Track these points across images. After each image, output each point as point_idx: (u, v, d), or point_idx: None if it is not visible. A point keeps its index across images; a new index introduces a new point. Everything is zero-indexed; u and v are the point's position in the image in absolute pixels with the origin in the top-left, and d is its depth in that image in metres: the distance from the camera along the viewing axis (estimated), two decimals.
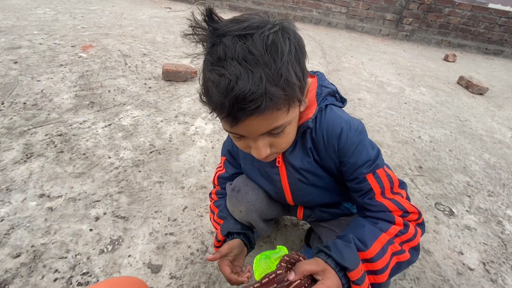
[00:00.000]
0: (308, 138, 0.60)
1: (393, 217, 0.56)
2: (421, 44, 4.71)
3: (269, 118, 0.45)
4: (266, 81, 0.40)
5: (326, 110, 0.60)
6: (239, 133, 0.49)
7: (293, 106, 0.48)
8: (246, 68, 0.40)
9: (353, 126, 0.58)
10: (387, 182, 0.57)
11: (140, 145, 1.40)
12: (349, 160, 0.58)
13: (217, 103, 0.43)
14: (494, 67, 4.06)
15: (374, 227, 0.55)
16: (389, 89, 2.61)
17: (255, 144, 0.50)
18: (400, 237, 0.54)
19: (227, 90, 0.40)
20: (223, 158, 0.81)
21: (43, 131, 1.38)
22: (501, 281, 1.01)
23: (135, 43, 2.69)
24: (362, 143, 0.58)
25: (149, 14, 3.84)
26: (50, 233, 0.94)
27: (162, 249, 0.94)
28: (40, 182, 1.12)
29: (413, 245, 0.55)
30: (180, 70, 2.06)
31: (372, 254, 0.51)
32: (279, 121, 0.47)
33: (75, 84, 1.83)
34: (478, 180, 1.54)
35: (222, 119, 0.46)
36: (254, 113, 0.42)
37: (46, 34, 2.54)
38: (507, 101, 2.82)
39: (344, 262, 0.49)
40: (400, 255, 0.54)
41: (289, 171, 0.64)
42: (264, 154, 0.51)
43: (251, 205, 0.71)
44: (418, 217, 0.57)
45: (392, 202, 0.56)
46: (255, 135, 0.48)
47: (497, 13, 4.56)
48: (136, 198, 1.11)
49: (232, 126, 0.46)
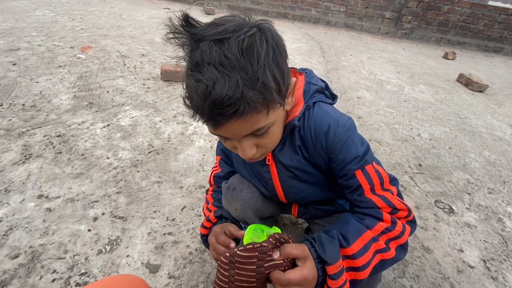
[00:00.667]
0: (297, 136, 0.60)
1: (381, 213, 0.55)
2: (420, 42, 4.69)
3: (249, 121, 0.45)
4: (243, 85, 0.40)
5: (314, 108, 0.59)
6: (222, 135, 0.49)
7: (274, 108, 0.48)
8: (223, 73, 0.40)
9: (341, 123, 0.57)
10: (376, 179, 0.57)
11: (139, 145, 1.40)
12: (337, 156, 0.57)
13: (198, 107, 0.44)
14: (493, 65, 4.04)
15: (360, 223, 0.55)
16: (388, 87, 2.60)
17: (240, 145, 0.51)
18: (386, 234, 0.54)
19: (205, 95, 0.41)
20: (218, 157, 0.81)
21: (41, 132, 1.38)
22: (501, 279, 1.00)
23: (134, 43, 2.69)
24: (350, 139, 0.57)
25: (147, 15, 3.84)
26: (49, 234, 0.94)
27: (161, 249, 0.94)
28: (39, 183, 1.12)
29: (400, 243, 0.55)
30: (178, 70, 2.05)
31: (354, 251, 0.52)
32: (260, 123, 0.47)
33: (73, 85, 1.83)
34: (478, 178, 1.53)
35: (205, 123, 0.47)
36: (233, 117, 0.43)
37: (45, 36, 2.55)
38: (507, 98, 2.81)
39: (324, 256, 0.50)
40: (385, 253, 0.53)
41: (279, 168, 0.65)
42: (250, 155, 0.51)
43: (246, 202, 0.71)
44: (408, 214, 0.57)
45: (381, 198, 0.56)
46: (238, 137, 0.49)
47: (497, 10, 4.55)
48: (134, 198, 1.11)
49: (215, 129, 0.47)
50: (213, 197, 0.81)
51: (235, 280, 0.51)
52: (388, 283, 0.93)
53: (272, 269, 0.49)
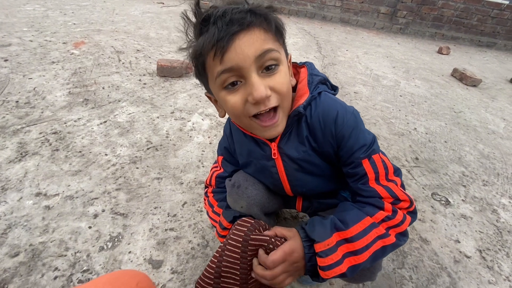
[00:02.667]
0: (304, 126, 0.60)
1: (382, 203, 0.56)
2: (415, 37, 4.72)
3: (258, 38, 0.48)
4: (249, 6, 0.49)
5: (320, 96, 0.60)
6: (231, 63, 0.48)
7: (279, 42, 0.52)
8: (230, 4, 0.49)
9: (348, 110, 0.59)
10: (382, 169, 0.58)
11: (137, 141, 1.39)
12: (346, 143, 0.58)
13: (209, 32, 0.47)
14: (487, 59, 4.10)
15: (360, 210, 0.56)
16: (384, 82, 2.62)
17: (252, 81, 0.49)
18: (386, 222, 0.55)
19: (215, 13, 0.47)
20: (220, 157, 0.80)
21: (37, 130, 1.36)
22: (497, 268, 1.03)
23: (128, 39, 2.65)
24: (359, 127, 0.58)
25: (141, 10, 3.78)
26: (48, 232, 0.93)
27: (163, 245, 0.94)
28: (36, 181, 1.10)
29: (399, 231, 0.55)
30: (175, 66, 2.03)
31: (352, 233, 0.52)
32: (268, 43, 0.49)
33: (68, 81, 1.79)
34: (473, 170, 1.56)
35: (213, 58, 0.48)
36: (242, 26, 0.46)
37: (36, 31, 2.49)
38: (500, 92, 2.86)
39: (312, 234, 0.53)
40: (385, 238, 0.54)
41: (285, 162, 0.65)
42: (264, 92, 0.49)
43: (251, 199, 0.71)
44: (410, 205, 0.57)
45: (384, 188, 0.56)
46: (248, 59, 0.47)
47: (490, 5, 4.59)
48: (134, 195, 1.10)
49: (223, 54, 0.47)
50: (216, 199, 0.79)
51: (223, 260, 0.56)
52: (387, 274, 0.95)
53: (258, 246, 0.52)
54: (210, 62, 0.49)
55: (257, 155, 0.68)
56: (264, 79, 0.50)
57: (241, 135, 0.69)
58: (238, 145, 0.73)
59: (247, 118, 0.54)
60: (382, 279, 0.93)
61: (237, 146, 0.73)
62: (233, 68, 0.48)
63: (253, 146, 0.67)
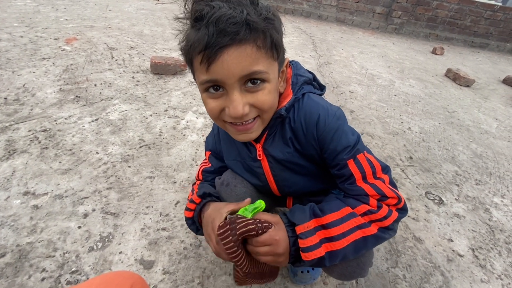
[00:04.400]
0: (287, 128, 0.60)
1: (367, 199, 0.55)
2: (410, 37, 4.75)
3: (249, 56, 0.45)
4: (247, 14, 0.44)
5: (304, 98, 0.59)
6: (215, 76, 0.46)
7: (272, 59, 0.49)
8: (229, 4, 0.44)
9: (331, 112, 0.58)
10: (368, 167, 0.57)
11: (129, 140, 1.36)
12: (329, 146, 0.57)
13: (199, 33, 0.44)
14: (480, 60, 4.14)
15: (341, 201, 0.56)
16: (379, 82, 2.63)
17: (232, 97, 0.48)
18: (369, 215, 0.54)
19: (209, 14, 0.43)
20: (208, 152, 0.79)
21: (26, 127, 1.32)
22: (489, 266, 1.03)
23: (122, 35, 2.60)
24: (341, 129, 0.57)
25: (135, 6, 3.72)
26: (36, 232, 0.91)
27: (155, 245, 0.92)
28: (24, 180, 1.07)
29: (383, 225, 0.54)
30: (169, 63, 2.00)
31: (328, 220, 0.53)
32: (258, 64, 0.47)
33: (59, 78, 1.75)
34: (466, 169, 1.57)
35: (200, 63, 0.46)
36: (233, 41, 0.43)
37: (27, 27, 2.43)
38: (492, 92, 2.89)
39: (293, 218, 0.55)
40: (365, 228, 0.53)
41: (271, 163, 0.65)
42: (240, 111, 0.48)
43: (240, 198, 0.70)
44: (398, 202, 0.56)
45: (371, 186, 0.56)
46: (233, 77, 0.46)
47: (483, 6, 4.64)
48: (126, 194, 1.08)
49: (210, 65, 0.45)
50: (199, 187, 0.76)
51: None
52: (381, 273, 0.94)
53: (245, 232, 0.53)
54: (197, 64, 0.48)
55: (244, 155, 0.68)
56: (246, 95, 0.49)
57: (231, 138, 0.67)
58: (225, 145, 0.73)
59: (222, 121, 0.55)
60: (376, 278, 0.92)
61: (225, 145, 0.73)
62: (217, 81, 0.47)
63: (240, 146, 0.68)
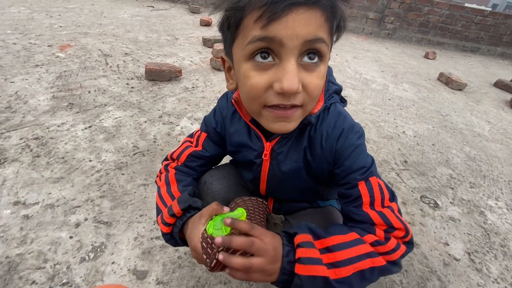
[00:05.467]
0: (305, 136, 0.57)
1: (373, 230, 0.50)
2: (402, 42, 4.83)
3: (316, 21, 0.39)
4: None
5: (330, 109, 0.56)
6: (274, 34, 0.39)
7: (331, 40, 0.44)
8: None
9: (355, 128, 0.56)
10: (378, 193, 0.52)
11: (123, 147, 1.35)
12: (344, 162, 0.54)
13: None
14: (471, 64, 4.22)
15: (345, 227, 0.52)
16: (373, 86, 2.65)
17: (288, 65, 0.40)
18: (376, 247, 0.48)
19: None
20: (204, 134, 0.69)
21: (17, 135, 1.30)
22: (485, 270, 1.03)
23: (117, 42, 2.60)
24: (360, 148, 0.55)
25: (130, 13, 3.74)
26: (26, 243, 0.89)
27: (148, 254, 0.90)
28: (15, 189, 1.05)
29: (391, 259, 0.49)
30: (164, 69, 2.00)
31: (334, 242, 0.47)
32: (322, 31, 0.41)
33: (52, 85, 1.74)
34: (460, 173, 1.58)
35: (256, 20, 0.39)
36: (305, 2, 0.37)
37: (20, 34, 2.42)
38: (484, 96, 2.93)
39: (290, 230, 0.47)
40: (375, 258, 0.47)
41: (272, 165, 0.62)
42: (296, 86, 0.41)
43: (216, 194, 0.68)
44: (405, 235, 0.50)
45: (378, 214, 0.51)
46: (296, 39, 0.39)
47: (473, 11, 4.75)
48: (119, 202, 1.06)
49: (270, 21, 0.38)
50: (177, 179, 0.63)
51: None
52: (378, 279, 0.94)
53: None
54: (249, 22, 0.40)
55: (250, 147, 0.63)
56: (301, 71, 0.42)
57: (241, 125, 0.63)
58: (234, 134, 0.65)
59: (260, 105, 0.45)
60: (372, 285, 0.91)
61: (232, 133, 0.65)
62: (274, 40, 0.39)
63: (247, 138, 0.62)
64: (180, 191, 0.60)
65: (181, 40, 2.96)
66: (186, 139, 0.73)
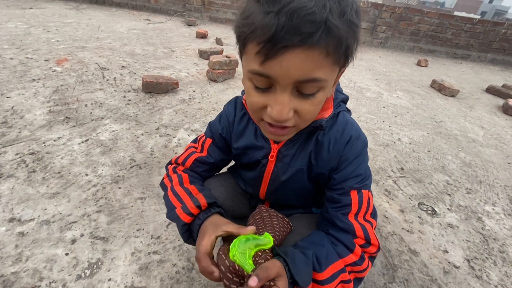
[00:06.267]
0: (313, 140, 0.58)
1: (354, 244, 0.54)
2: (395, 51, 4.93)
3: (314, 61, 0.39)
4: (329, 11, 0.36)
5: (339, 116, 0.59)
6: (269, 73, 0.41)
7: (336, 65, 0.43)
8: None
9: (361, 137, 0.58)
10: (365, 206, 0.56)
11: (120, 160, 1.34)
12: (346, 168, 0.57)
13: (265, 19, 0.37)
14: (463, 70, 4.30)
15: (333, 249, 0.54)
16: (367, 94, 2.69)
17: (280, 98, 0.42)
18: (352, 267, 0.53)
19: (285, 1, 0.36)
20: (209, 140, 0.70)
21: (13, 150, 1.30)
22: (485, 277, 1.03)
23: (113, 55, 2.63)
24: (363, 157, 0.58)
25: (127, 27, 3.79)
26: (22, 261, 0.87)
27: (146, 270, 0.89)
28: (10, 206, 1.04)
29: (359, 276, 0.54)
30: (160, 82, 2.02)
31: (324, 277, 0.50)
32: (320, 71, 0.40)
33: (48, 99, 1.74)
34: (457, 179, 1.59)
35: (257, 51, 0.39)
36: (303, 43, 0.37)
37: (17, 49, 2.44)
38: (477, 101, 2.99)
39: (298, 278, 0.47)
40: (346, 284, 0.52)
41: (277, 167, 0.63)
42: (284, 116, 0.43)
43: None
44: (376, 251, 0.56)
45: (361, 227, 0.54)
46: (289, 80, 0.41)
47: (463, 20, 4.88)
48: (116, 217, 1.05)
49: (267, 59, 0.39)
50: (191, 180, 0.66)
51: None
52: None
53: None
54: (251, 51, 0.41)
55: (255, 149, 0.64)
56: (294, 99, 0.44)
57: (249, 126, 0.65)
58: (242, 135, 0.66)
59: (259, 117, 0.49)
60: None
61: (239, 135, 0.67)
62: (270, 77, 0.42)
63: (254, 139, 0.64)
64: (199, 189, 0.62)
65: (178, 52, 3.00)
66: (190, 144, 0.74)
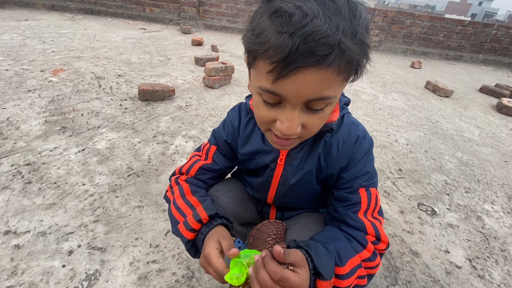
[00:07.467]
0: (321, 143, 0.59)
1: (366, 241, 0.55)
2: (389, 54, 4.99)
3: (325, 81, 0.39)
4: (342, 33, 0.37)
5: (344, 118, 0.61)
6: (280, 92, 0.41)
7: (346, 81, 0.43)
8: (324, 12, 0.36)
9: (367, 136, 0.60)
10: (373, 204, 0.57)
11: (117, 168, 1.33)
12: (354, 166, 0.58)
13: (278, 39, 0.37)
14: (456, 71, 4.36)
15: (350, 245, 0.54)
16: (363, 97, 2.71)
17: (290, 114, 0.43)
18: (366, 263, 0.54)
19: (300, 24, 0.35)
20: (214, 147, 0.70)
21: (8, 162, 1.28)
22: (488, 276, 1.02)
23: (109, 64, 2.63)
24: (369, 156, 0.60)
25: (123, 36, 3.81)
26: (17, 274, 0.85)
27: (144, 279, 0.87)
28: (5, 218, 1.02)
29: (371, 273, 0.55)
30: (157, 89, 2.02)
31: (345, 271, 0.50)
32: (330, 89, 0.41)
33: (44, 109, 1.74)
34: (455, 178, 1.60)
35: (269, 70, 0.39)
36: (318, 63, 0.37)
37: (13, 60, 2.44)
38: (471, 101, 3.02)
39: (322, 270, 0.45)
40: (361, 279, 0.53)
41: (285, 170, 0.63)
42: (293, 131, 0.44)
43: (223, 208, 0.68)
44: (385, 248, 0.57)
45: (371, 224, 0.56)
46: (298, 100, 0.41)
47: (454, 22, 4.97)
48: (114, 226, 1.04)
49: (279, 78, 0.39)
50: (192, 190, 0.64)
51: None
52: None
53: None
54: (263, 68, 0.41)
55: (263, 154, 0.64)
56: (303, 114, 0.44)
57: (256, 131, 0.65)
58: (248, 140, 0.66)
59: (266, 128, 0.50)
60: None
61: (246, 140, 0.66)
62: (281, 96, 0.42)
63: (261, 144, 0.64)
64: (199, 200, 0.61)
65: (174, 60, 3.01)
66: (194, 153, 0.74)
